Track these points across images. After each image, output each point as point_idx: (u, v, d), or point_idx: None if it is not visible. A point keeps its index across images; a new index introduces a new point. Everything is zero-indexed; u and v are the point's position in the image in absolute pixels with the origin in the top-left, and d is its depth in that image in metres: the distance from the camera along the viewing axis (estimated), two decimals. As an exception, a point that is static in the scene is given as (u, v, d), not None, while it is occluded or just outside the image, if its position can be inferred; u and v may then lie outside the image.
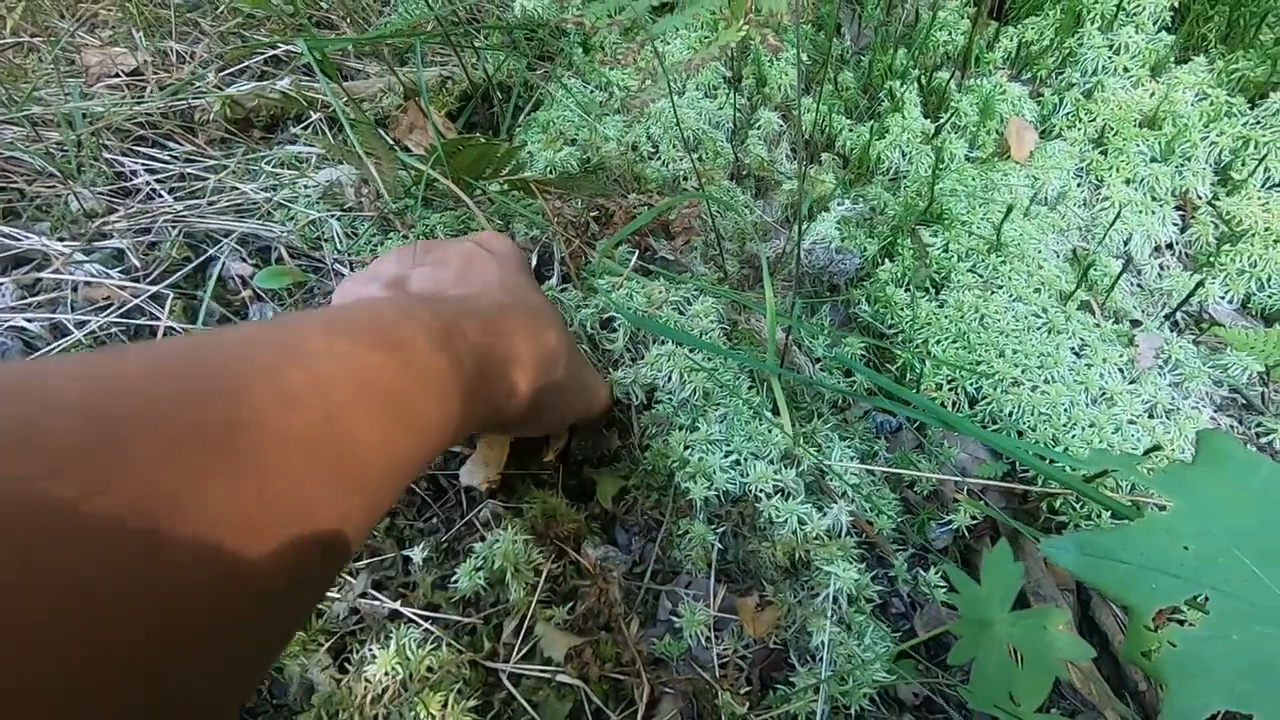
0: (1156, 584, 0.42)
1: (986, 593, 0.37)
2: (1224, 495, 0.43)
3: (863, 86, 1.02)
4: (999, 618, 0.37)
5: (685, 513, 0.56)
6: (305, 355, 0.24)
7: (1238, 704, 0.39)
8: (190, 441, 0.19)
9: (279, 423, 0.21)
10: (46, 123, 0.72)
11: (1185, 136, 0.89)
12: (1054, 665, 0.35)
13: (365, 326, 0.28)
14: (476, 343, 0.34)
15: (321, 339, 0.25)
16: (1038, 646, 0.36)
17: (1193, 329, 0.83)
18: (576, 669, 0.47)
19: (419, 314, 0.31)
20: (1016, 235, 0.85)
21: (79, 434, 0.17)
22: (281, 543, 0.20)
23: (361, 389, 0.25)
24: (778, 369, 0.60)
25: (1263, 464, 0.44)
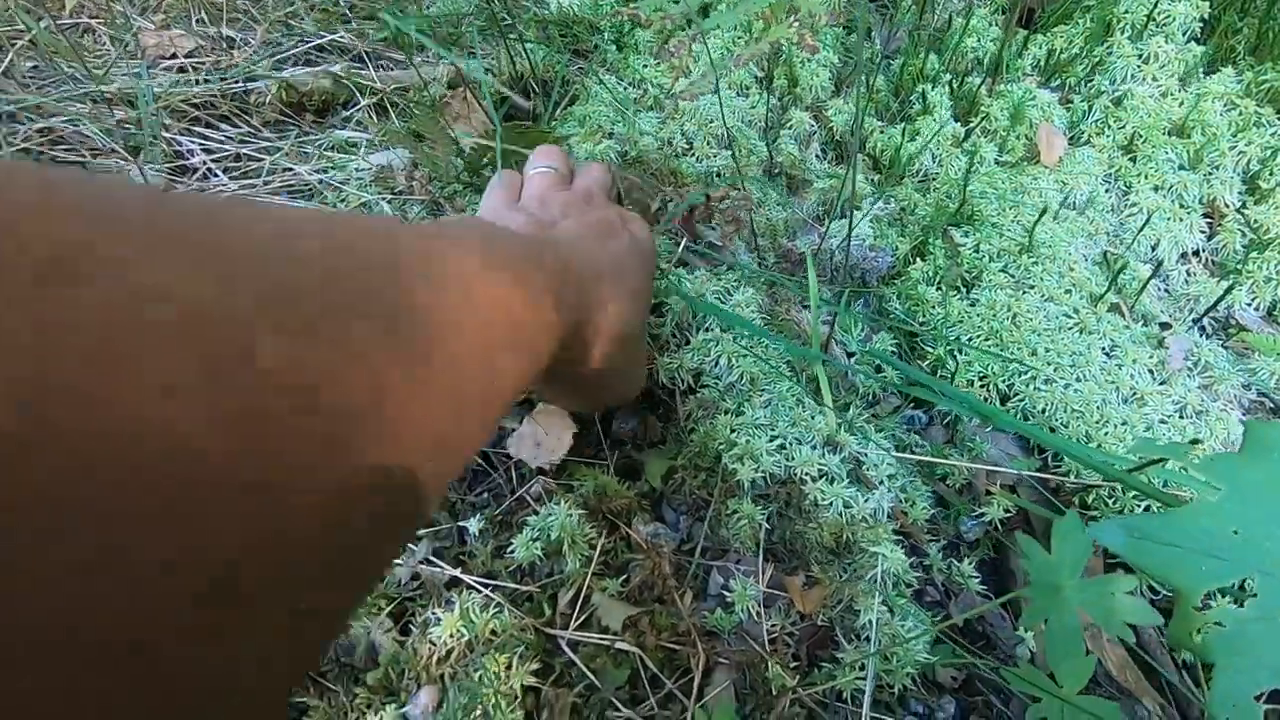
0: (1205, 566, 0.43)
1: (1056, 560, 0.39)
2: (1270, 482, 0.45)
3: (894, 89, 1.04)
4: (1069, 583, 0.38)
5: (733, 493, 0.57)
6: (466, 280, 0.24)
7: (1283, 681, 0.40)
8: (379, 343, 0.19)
9: (444, 340, 0.21)
10: (108, 101, 0.74)
11: (1214, 145, 0.91)
12: (1122, 628, 0.37)
13: (520, 261, 0.28)
14: (576, 303, 0.36)
15: (479, 266, 0.25)
16: (1107, 610, 0.37)
17: (1220, 334, 0.85)
18: (634, 638, 0.48)
19: (567, 267, 0.32)
20: (1048, 238, 0.87)
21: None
22: (435, 462, 0.21)
23: (512, 328, 0.26)
24: (821, 356, 0.62)
25: (1308, 453, 0.45)
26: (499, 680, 0.44)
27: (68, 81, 0.75)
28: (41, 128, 0.70)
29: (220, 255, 0.16)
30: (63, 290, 0.13)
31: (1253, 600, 0.42)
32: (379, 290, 0.20)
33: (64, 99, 0.74)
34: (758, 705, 0.48)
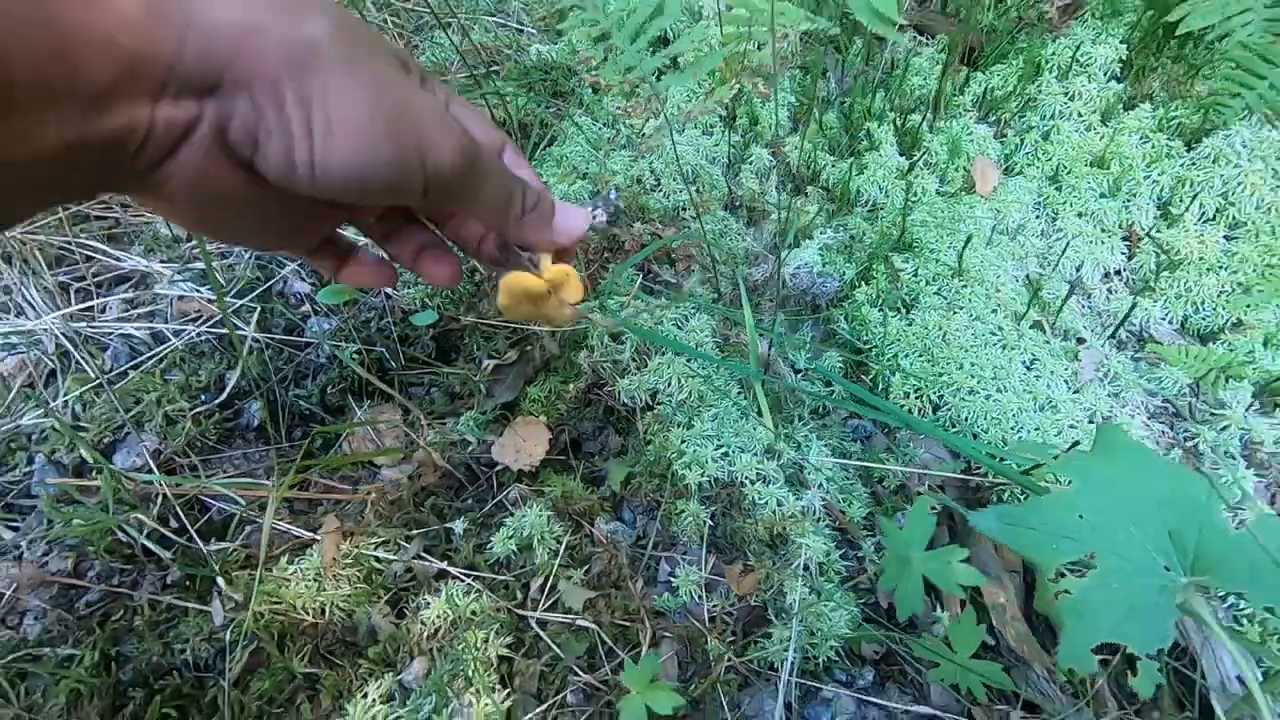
0: (1057, 545, 0.54)
1: (907, 537, 0.49)
2: (1113, 476, 0.56)
3: (845, 126, 1.16)
4: (916, 555, 0.49)
5: (682, 495, 0.68)
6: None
7: (1117, 638, 0.51)
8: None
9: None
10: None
11: (1130, 175, 1.02)
12: (955, 588, 0.47)
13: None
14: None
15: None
16: (945, 574, 0.48)
17: (1135, 347, 0.96)
18: (592, 616, 0.59)
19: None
20: (978, 262, 0.98)
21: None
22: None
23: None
24: (760, 375, 0.73)
25: (1143, 451, 0.56)
26: (478, 651, 0.55)
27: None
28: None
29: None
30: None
31: (1093, 572, 0.53)
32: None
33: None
34: (697, 671, 0.58)
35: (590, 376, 0.77)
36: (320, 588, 0.61)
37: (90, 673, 0.57)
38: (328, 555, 0.63)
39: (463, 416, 0.74)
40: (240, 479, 0.70)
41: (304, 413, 0.77)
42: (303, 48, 0.25)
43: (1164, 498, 0.54)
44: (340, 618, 0.61)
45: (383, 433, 0.75)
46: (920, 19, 1.30)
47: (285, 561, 0.64)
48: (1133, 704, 0.66)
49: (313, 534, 0.66)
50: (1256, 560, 0.50)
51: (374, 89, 0.26)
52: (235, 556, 0.65)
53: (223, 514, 0.69)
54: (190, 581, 0.64)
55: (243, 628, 0.59)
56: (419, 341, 0.84)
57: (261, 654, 0.59)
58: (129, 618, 0.62)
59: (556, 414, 0.76)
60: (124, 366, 0.75)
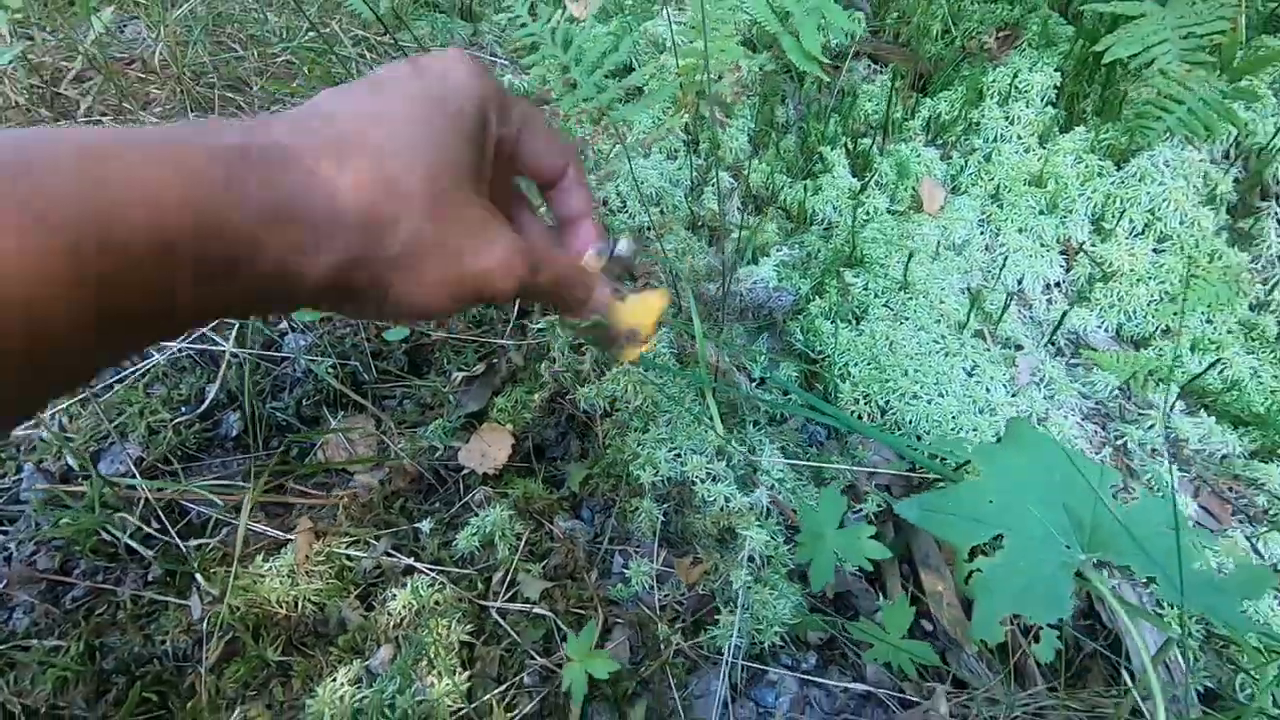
0: (970, 528, 0.60)
1: (822, 516, 0.55)
2: (1019, 463, 0.62)
3: (801, 150, 1.24)
4: (829, 532, 0.55)
5: (637, 494, 0.74)
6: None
7: (1020, 609, 0.57)
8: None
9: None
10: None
11: (1066, 193, 1.10)
12: (863, 560, 0.53)
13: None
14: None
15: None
16: (854, 549, 0.53)
17: (1073, 353, 1.03)
18: (548, 605, 0.64)
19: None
20: (925, 276, 1.05)
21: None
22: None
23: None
24: (710, 382, 0.79)
25: (1046, 440, 0.63)
26: (440, 637, 0.60)
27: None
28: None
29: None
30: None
31: (1001, 551, 0.59)
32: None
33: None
34: (647, 655, 0.63)
35: (553, 386, 0.83)
36: (294, 583, 0.66)
37: (76, 662, 0.61)
38: (301, 553, 0.68)
39: (432, 425, 0.80)
40: (219, 484, 0.75)
41: (280, 424, 0.83)
42: (399, 245, 0.30)
43: (1062, 481, 0.60)
44: (312, 610, 0.65)
45: (355, 441, 0.80)
46: (874, 49, 1.39)
47: (261, 560, 0.68)
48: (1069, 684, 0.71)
49: (287, 534, 0.71)
50: (1141, 536, 0.56)
51: (441, 270, 0.32)
52: (213, 555, 0.70)
53: (202, 517, 0.74)
54: (170, 578, 0.69)
55: (219, 619, 0.63)
56: (392, 356, 0.89)
57: (237, 643, 0.64)
58: (112, 612, 0.66)
59: (522, 422, 0.81)
60: (109, 380, 0.80)
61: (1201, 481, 0.89)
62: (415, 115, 0.31)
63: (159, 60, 1.10)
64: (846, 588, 0.80)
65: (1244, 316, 1.01)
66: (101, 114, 1.05)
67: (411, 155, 0.30)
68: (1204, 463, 0.90)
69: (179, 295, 0.25)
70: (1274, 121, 1.10)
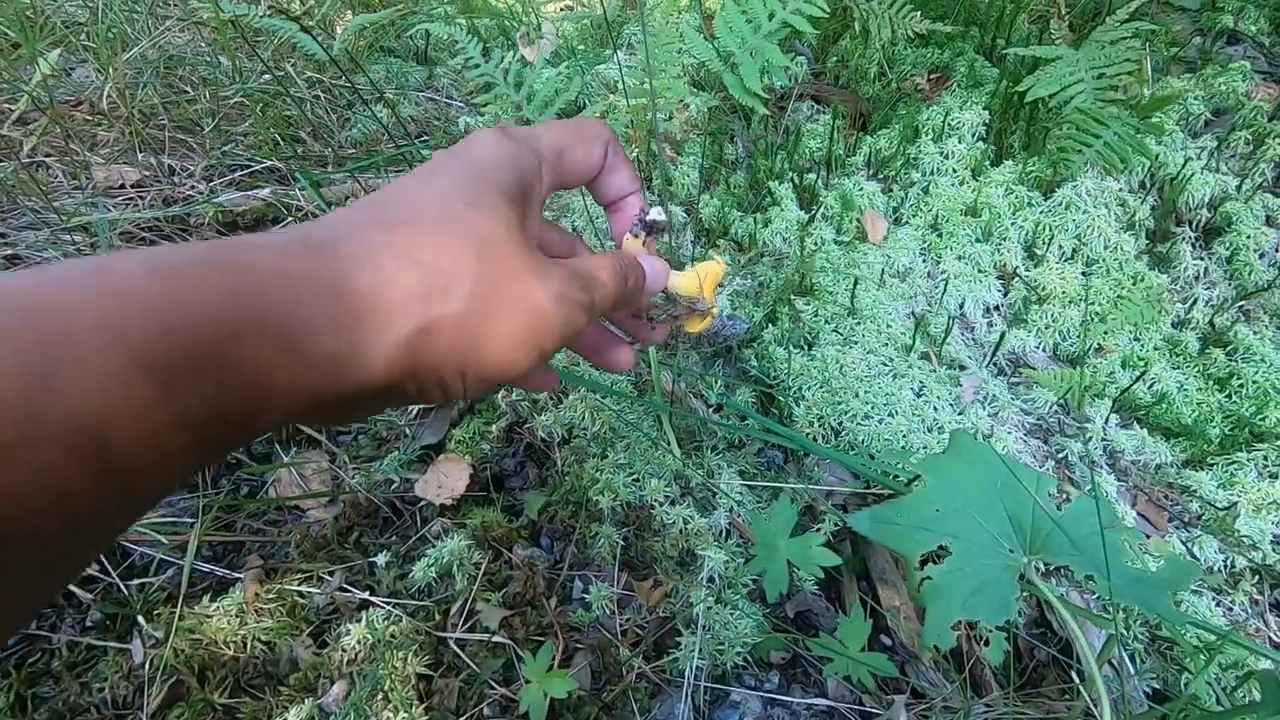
0: (918, 537, 0.62)
1: (774, 526, 0.57)
2: (962, 472, 0.65)
3: (751, 185, 1.29)
4: (781, 542, 0.56)
5: (596, 519, 0.75)
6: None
7: (969, 614, 0.59)
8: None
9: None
10: (65, 226, 0.91)
11: (999, 222, 1.17)
12: (814, 569, 0.55)
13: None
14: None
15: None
16: (806, 557, 0.55)
17: (1013, 372, 1.08)
18: (508, 633, 0.63)
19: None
20: (871, 302, 1.10)
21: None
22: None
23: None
24: (666, 407, 0.81)
25: (987, 450, 0.66)
26: (397, 670, 0.59)
27: (28, 213, 0.92)
28: (8, 255, 0.86)
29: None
30: None
31: (948, 557, 0.61)
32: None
33: (25, 228, 0.90)
34: (609, 679, 0.63)
35: (511, 415, 0.84)
36: (242, 622, 0.64)
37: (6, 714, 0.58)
38: (250, 591, 0.66)
39: (388, 458, 0.80)
40: (164, 522, 0.73)
41: (230, 461, 0.81)
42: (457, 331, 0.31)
43: (1003, 488, 0.63)
44: (261, 650, 0.64)
45: (309, 477, 0.79)
46: (816, 90, 1.47)
47: (208, 600, 0.67)
48: (1024, 690, 0.73)
49: (236, 573, 0.69)
50: (1077, 536, 0.59)
51: (512, 316, 0.33)
52: (157, 596, 0.68)
53: (145, 557, 0.72)
54: (110, 622, 0.66)
55: (163, 662, 0.61)
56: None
57: (181, 687, 0.61)
58: (46, 660, 0.63)
59: (480, 452, 0.82)
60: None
61: (1139, 490, 0.94)
62: (462, 193, 0.33)
63: (108, 102, 1.10)
64: (807, 606, 0.81)
65: (1168, 334, 1.08)
66: (46, 154, 1.04)
67: (462, 227, 0.32)
68: (1140, 472, 0.95)
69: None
70: (1183, 153, 1.20)
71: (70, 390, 0.21)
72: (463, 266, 0.31)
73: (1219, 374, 1.03)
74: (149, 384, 0.22)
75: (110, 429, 0.22)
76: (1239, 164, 1.20)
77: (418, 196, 0.33)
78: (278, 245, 0.27)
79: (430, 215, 0.32)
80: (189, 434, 0.24)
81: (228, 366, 0.24)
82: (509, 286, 0.33)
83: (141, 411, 0.22)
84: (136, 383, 0.22)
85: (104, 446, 0.22)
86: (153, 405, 0.23)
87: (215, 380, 0.24)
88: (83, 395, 0.21)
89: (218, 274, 0.25)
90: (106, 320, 0.22)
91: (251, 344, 0.25)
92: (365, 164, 1.12)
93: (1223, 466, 0.94)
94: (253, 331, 0.25)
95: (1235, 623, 0.85)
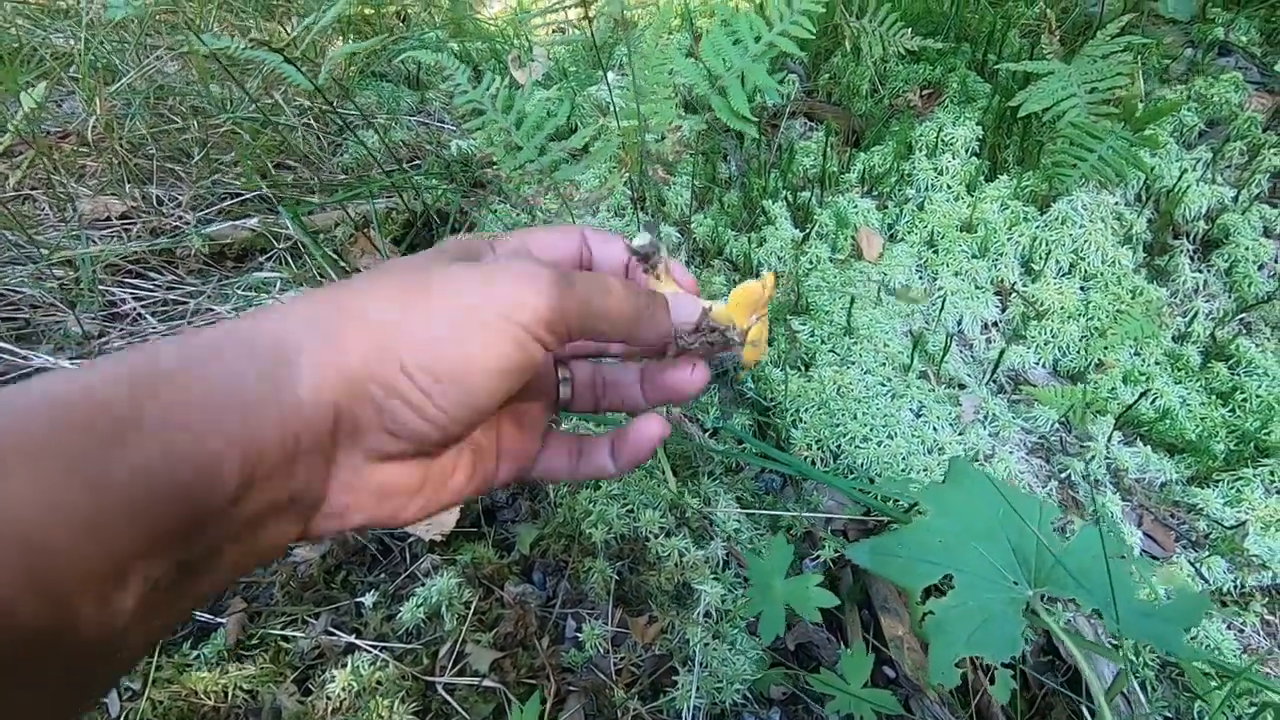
0: (920, 569, 0.60)
1: (769, 566, 0.55)
2: (962, 502, 0.63)
3: (744, 204, 1.28)
4: (777, 582, 0.54)
5: (589, 553, 0.73)
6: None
7: (975, 650, 0.57)
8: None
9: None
10: (48, 261, 0.90)
11: (995, 238, 1.16)
12: (813, 611, 0.53)
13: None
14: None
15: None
16: (803, 598, 0.53)
17: (1014, 389, 1.06)
18: (498, 676, 0.61)
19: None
20: (868, 321, 1.08)
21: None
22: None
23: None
24: (661, 434, 0.79)
25: (987, 479, 0.64)
26: (383, 719, 0.57)
27: (11, 248, 0.91)
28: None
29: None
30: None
31: (952, 591, 0.59)
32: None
33: (8, 263, 0.89)
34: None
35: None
36: (223, 670, 0.62)
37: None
38: (232, 636, 0.64)
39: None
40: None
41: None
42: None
43: (1006, 518, 0.61)
44: (243, 699, 0.61)
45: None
46: (809, 107, 1.47)
47: (187, 647, 0.64)
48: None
49: (218, 618, 0.67)
50: (1083, 568, 0.57)
51: (444, 310, 0.29)
52: (137, 645, 0.65)
53: (126, 604, 0.69)
54: (88, 673, 0.64)
55: (139, 716, 0.59)
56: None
57: (160, 741, 0.59)
58: (20, 715, 0.61)
59: (470, 484, 0.80)
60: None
61: (1144, 510, 0.92)
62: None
63: (94, 134, 1.09)
64: (808, 638, 0.79)
65: (1169, 348, 1.06)
66: (32, 188, 1.04)
67: (380, 273, 0.30)
68: (1144, 491, 0.93)
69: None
70: (1178, 166, 1.19)
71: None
72: (372, 287, 0.29)
73: (1222, 388, 1.01)
74: (70, 477, 0.20)
75: (35, 530, 0.19)
76: (1235, 175, 1.19)
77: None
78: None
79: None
80: (129, 529, 0.21)
81: (147, 434, 0.22)
82: (440, 281, 0.29)
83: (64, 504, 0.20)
84: (59, 482, 0.20)
85: (32, 553, 0.19)
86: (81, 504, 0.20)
87: (136, 451, 0.22)
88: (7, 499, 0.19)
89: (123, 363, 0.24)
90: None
91: (164, 407, 0.23)
92: (351, 194, 1.11)
93: (1229, 483, 0.92)
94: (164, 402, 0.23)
95: (1248, 646, 0.82)
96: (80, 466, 0.21)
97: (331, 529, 0.30)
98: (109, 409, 0.22)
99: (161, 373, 0.24)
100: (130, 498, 0.22)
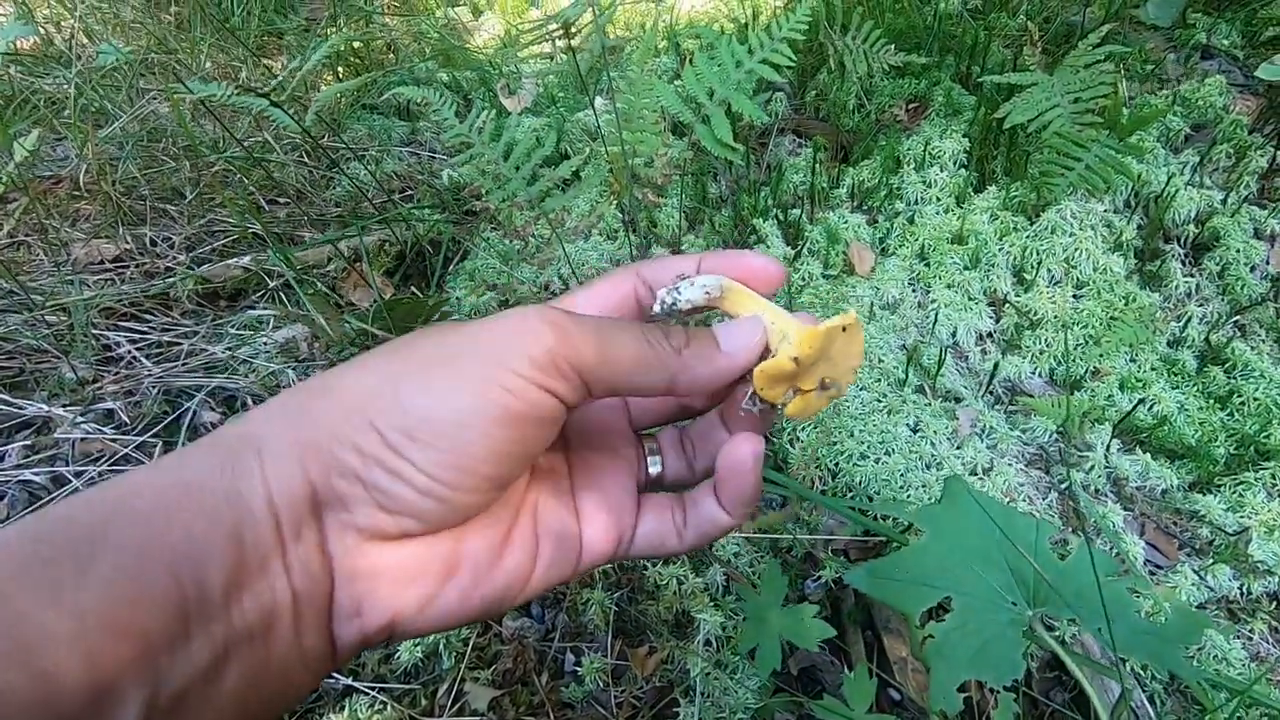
0: (918, 593, 0.60)
1: (764, 598, 0.55)
2: (959, 523, 0.63)
3: (735, 223, 1.29)
4: (772, 614, 0.54)
5: (587, 584, 0.72)
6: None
7: (976, 674, 0.56)
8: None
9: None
10: (42, 307, 0.90)
11: (986, 248, 1.16)
12: (811, 642, 0.52)
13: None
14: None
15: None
16: (799, 630, 0.53)
17: (1011, 400, 1.06)
18: (497, 715, 0.61)
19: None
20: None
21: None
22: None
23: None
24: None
25: (980, 497, 0.64)
26: (382, 763, 0.56)
27: (5, 295, 0.91)
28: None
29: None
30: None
31: (951, 614, 0.59)
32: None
33: (2, 311, 0.90)
34: (605, 760, 0.61)
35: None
36: (223, 717, 0.61)
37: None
38: (231, 683, 0.64)
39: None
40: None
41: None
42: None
43: (1001, 538, 0.61)
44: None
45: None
46: (797, 124, 1.48)
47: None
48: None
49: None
50: (1080, 586, 0.57)
51: (419, 361, 0.28)
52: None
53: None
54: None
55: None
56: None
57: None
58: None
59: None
60: (21, 513, 0.76)
61: (1146, 518, 0.91)
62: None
63: (86, 179, 1.11)
64: (811, 662, 0.78)
65: (1164, 354, 1.06)
66: (26, 234, 1.05)
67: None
68: (1146, 499, 0.93)
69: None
70: (1166, 171, 1.19)
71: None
72: (358, 361, 0.28)
73: (1219, 392, 1.01)
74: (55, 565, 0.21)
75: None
76: (1222, 178, 1.19)
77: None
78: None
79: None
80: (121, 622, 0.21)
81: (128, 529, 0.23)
82: (426, 342, 0.28)
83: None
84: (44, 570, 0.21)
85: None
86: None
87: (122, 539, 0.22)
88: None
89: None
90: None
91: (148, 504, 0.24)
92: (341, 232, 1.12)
93: (1230, 488, 0.92)
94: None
95: (1256, 654, 0.82)
96: (58, 590, 0.21)
97: (354, 634, 0.27)
98: (79, 528, 0.23)
99: (129, 485, 0.24)
100: (111, 610, 0.22)
